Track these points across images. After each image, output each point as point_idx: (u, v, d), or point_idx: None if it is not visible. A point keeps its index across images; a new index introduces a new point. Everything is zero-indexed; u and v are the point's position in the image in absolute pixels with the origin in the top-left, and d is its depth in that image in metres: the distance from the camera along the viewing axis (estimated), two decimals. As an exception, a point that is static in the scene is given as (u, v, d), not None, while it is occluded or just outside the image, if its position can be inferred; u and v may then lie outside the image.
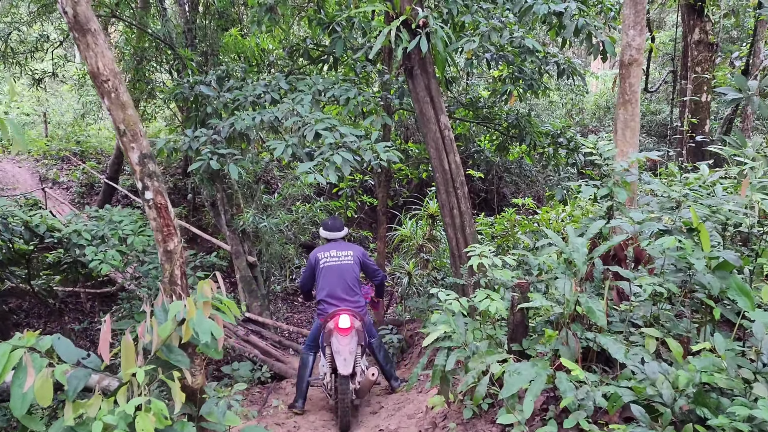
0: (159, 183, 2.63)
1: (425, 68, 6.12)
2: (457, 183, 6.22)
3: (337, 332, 5.01)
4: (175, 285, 2.70)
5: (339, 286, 5.43)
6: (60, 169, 18.47)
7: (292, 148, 5.85)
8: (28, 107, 22.81)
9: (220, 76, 8.18)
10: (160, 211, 2.65)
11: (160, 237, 2.68)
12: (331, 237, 5.83)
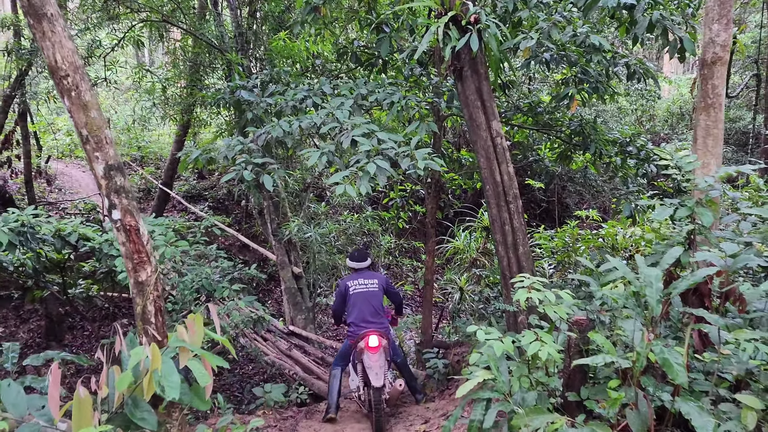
0: (129, 200, 2.21)
1: (476, 69, 5.53)
2: (509, 196, 5.60)
3: (367, 351, 5.69)
4: (148, 323, 2.27)
5: (367, 311, 6.06)
6: (120, 175, 18.78)
7: (328, 155, 5.38)
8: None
9: (263, 80, 7.84)
10: (129, 234, 2.22)
11: (130, 265, 2.25)
12: (358, 267, 6.42)
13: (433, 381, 6.73)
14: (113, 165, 2.23)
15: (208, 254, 7.93)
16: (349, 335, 6.10)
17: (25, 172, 12.62)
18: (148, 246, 2.29)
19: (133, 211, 2.26)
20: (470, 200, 12.91)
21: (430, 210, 7.97)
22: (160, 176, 16.87)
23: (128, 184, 2.23)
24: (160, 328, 2.31)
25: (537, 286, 3.22)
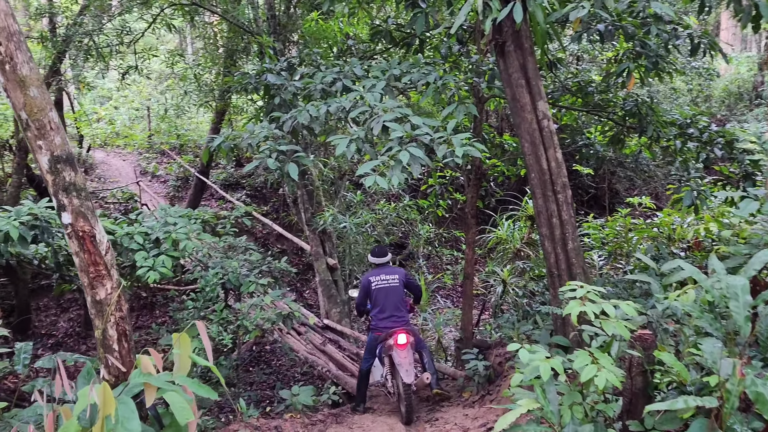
0: (81, 200, 1.81)
1: (520, 44, 4.97)
2: (557, 185, 5.04)
3: (396, 348, 5.92)
4: (110, 351, 1.88)
5: (390, 305, 6.27)
6: (159, 163, 18.77)
7: (357, 143, 4.92)
8: (137, 102, 23.54)
9: (291, 63, 7.42)
10: (83, 242, 1.83)
11: (86, 280, 1.87)
12: (379, 262, 6.52)
13: (473, 384, 6.25)
14: (60, 156, 1.84)
15: (237, 246, 7.60)
16: (373, 328, 6.37)
17: (62, 162, 12.57)
18: (107, 256, 1.90)
19: (87, 213, 1.86)
20: (514, 187, 12.28)
21: (471, 199, 7.44)
22: (198, 164, 16.73)
23: (81, 180, 1.82)
24: (125, 357, 1.93)
25: (592, 296, 2.70)
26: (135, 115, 23.15)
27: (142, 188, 15.02)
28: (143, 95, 22.97)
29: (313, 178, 10.13)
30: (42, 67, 12.43)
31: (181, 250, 5.73)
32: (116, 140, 20.32)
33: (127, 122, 22.63)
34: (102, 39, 10.06)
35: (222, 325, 5.80)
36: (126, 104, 23.82)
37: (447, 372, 7.12)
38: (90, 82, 13.26)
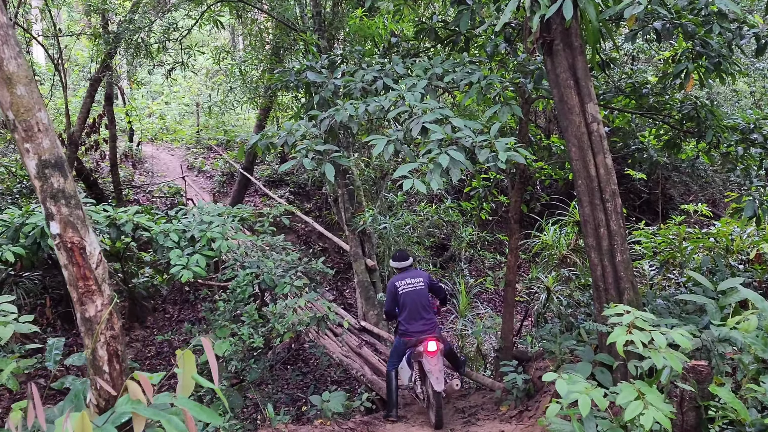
0: (71, 209, 1.67)
1: (569, 42, 4.68)
2: (606, 193, 4.74)
3: (427, 355, 5.95)
4: (100, 373, 1.74)
5: (417, 308, 6.29)
6: (206, 158, 19.00)
7: (395, 144, 4.74)
8: (187, 98, 23.94)
9: (333, 60, 7.29)
10: (72, 254, 1.69)
11: (75, 295, 1.73)
12: (401, 266, 6.61)
13: (512, 397, 5.99)
14: (48, 161, 1.70)
15: (274, 245, 7.52)
16: (402, 333, 6.38)
17: (111, 156, 12.83)
18: (98, 270, 1.75)
19: (77, 223, 1.71)
20: (561, 191, 11.88)
21: (515, 203, 7.16)
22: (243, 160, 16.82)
23: (71, 187, 1.68)
24: (117, 379, 1.79)
25: (640, 323, 2.44)
26: (185, 111, 23.55)
27: (187, 183, 15.20)
28: (193, 91, 23.35)
29: (354, 178, 10.00)
30: (95, 62, 12.70)
31: (215, 249, 5.66)
32: (165, 135, 20.69)
33: (177, 117, 23.04)
34: (150, 36, 10.16)
35: (254, 327, 5.70)
36: (176, 100, 24.27)
37: (484, 383, 6.86)
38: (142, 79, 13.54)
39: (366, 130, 9.60)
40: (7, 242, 4.94)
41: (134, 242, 6.15)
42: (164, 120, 22.23)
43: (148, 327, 12.44)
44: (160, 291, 8.23)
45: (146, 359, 11.65)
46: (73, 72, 19.98)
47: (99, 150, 13.52)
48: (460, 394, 7.17)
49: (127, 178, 16.02)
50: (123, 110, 17.82)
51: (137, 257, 6.97)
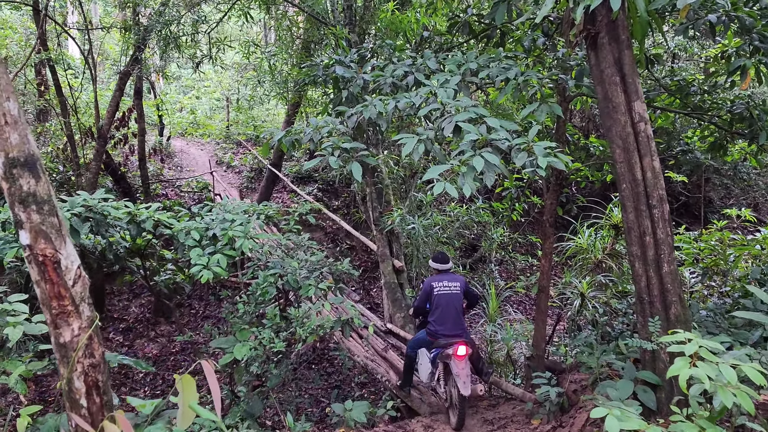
0: (44, 216, 1.44)
1: (616, 35, 4.35)
2: (653, 198, 4.40)
3: (455, 358, 5.98)
4: (76, 407, 1.52)
5: (449, 312, 6.33)
6: (235, 153, 18.96)
7: (426, 144, 4.46)
8: (218, 93, 23.95)
9: (363, 54, 7.04)
10: (44, 268, 1.46)
11: (48, 316, 1.51)
12: (441, 268, 6.59)
13: (544, 410, 5.68)
14: (17, 159, 1.47)
15: (299, 244, 7.32)
16: (429, 332, 6.41)
17: (139, 150, 12.81)
18: (76, 288, 1.52)
19: (51, 232, 1.48)
20: (598, 193, 11.44)
21: (549, 206, 6.82)
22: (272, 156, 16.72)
23: (45, 190, 1.45)
24: (96, 415, 1.56)
25: (704, 353, 2.13)
26: (216, 106, 23.58)
27: (215, 178, 15.14)
28: (224, 86, 23.37)
29: (382, 176, 9.75)
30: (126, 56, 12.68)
31: (237, 249, 5.47)
32: (195, 130, 20.72)
33: (208, 112, 23.08)
34: (179, 29, 10.04)
35: (275, 331, 5.50)
36: (207, 95, 24.32)
37: (515, 393, 6.55)
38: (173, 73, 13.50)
39: (396, 128, 9.34)
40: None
41: (156, 239, 5.99)
42: (195, 114, 22.28)
43: (174, 322, 12.41)
44: (183, 288, 8.11)
45: (171, 355, 11.61)
46: (106, 66, 20.12)
47: (128, 144, 13.51)
48: (488, 404, 6.88)
49: (156, 173, 16.03)
50: (152, 104, 17.85)
51: (159, 254, 6.82)
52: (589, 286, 8.55)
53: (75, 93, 12.59)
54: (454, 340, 6.09)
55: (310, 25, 11.84)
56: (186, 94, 25.11)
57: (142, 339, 12.00)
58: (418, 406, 6.89)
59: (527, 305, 11.70)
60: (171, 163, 17.39)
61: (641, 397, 4.29)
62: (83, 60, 12.41)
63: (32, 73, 15.12)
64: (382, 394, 7.50)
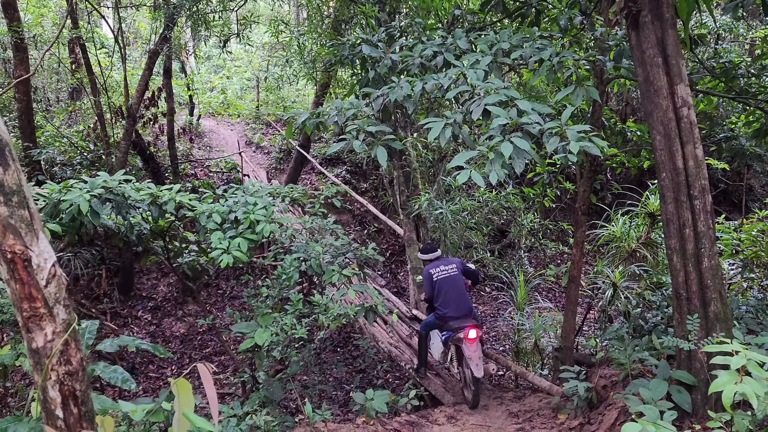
0: (12, 208, 1.30)
1: (659, 14, 4.07)
2: (694, 189, 4.14)
3: (467, 341, 6.19)
4: (53, 417, 1.40)
5: (452, 293, 6.54)
6: (264, 134, 18.91)
7: (453, 128, 4.27)
8: (249, 72, 23.88)
9: (391, 33, 6.82)
10: (13, 266, 1.33)
11: (20, 320, 1.39)
12: (430, 258, 6.93)
13: (571, 405, 5.49)
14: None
15: (324, 228, 7.20)
16: (439, 317, 6.59)
17: (168, 129, 12.81)
18: (49, 288, 1.38)
19: (20, 226, 1.34)
20: (634, 180, 11.06)
21: (582, 193, 6.55)
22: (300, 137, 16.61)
23: (14, 179, 1.31)
24: (74, 426, 1.43)
25: (753, 367, 1.92)
26: (246, 86, 23.54)
27: (244, 159, 15.10)
28: (255, 66, 23.29)
29: (410, 160, 9.55)
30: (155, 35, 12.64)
31: (259, 233, 5.36)
32: (224, 109, 20.72)
33: (239, 92, 23.05)
34: (207, 5, 9.93)
35: (298, 317, 5.40)
36: (238, 74, 24.29)
37: (541, 386, 6.37)
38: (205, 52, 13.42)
39: (425, 110, 9.12)
40: (46, 218, 4.77)
41: (179, 221, 5.92)
42: (225, 94, 22.28)
43: (202, 302, 12.49)
44: (207, 270, 8.09)
45: (197, 334, 11.70)
46: (138, 45, 20.20)
47: (158, 123, 13.53)
48: (514, 396, 6.72)
49: (186, 152, 16.07)
50: (182, 83, 17.86)
51: (182, 236, 6.78)
52: (621, 276, 8.27)
53: (106, 72, 12.61)
54: (465, 323, 6.31)
55: (340, 3, 11.62)
56: (217, 73, 25.13)
57: (169, 318, 12.11)
58: (442, 395, 6.76)
59: (557, 293, 11.44)
60: (200, 143, 17.42)
61: (675, 398, 4.07)
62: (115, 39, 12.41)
63: (66, 52, 15.24)
64: (406, 381, 7.39)
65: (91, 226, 5.26)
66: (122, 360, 9.98)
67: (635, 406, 3.77)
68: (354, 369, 9.73)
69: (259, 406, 5.08)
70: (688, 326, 3.97)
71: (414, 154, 9.59)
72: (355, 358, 10.11)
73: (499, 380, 8.97)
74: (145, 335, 11.51)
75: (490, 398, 6.70)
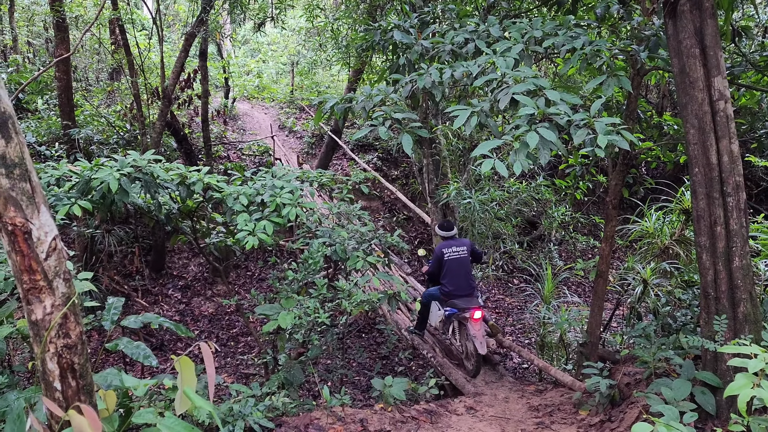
0: (14, 180, 1.31)
1: (698, 3, 3.93)
2: (728, 185, 4.00)
3: (472, 321, 6.70)
4: (51, 390, 1.42)
5: (460, 273, 7.06)
6: (297, 119, 18.99)
7: (480, 116, 4.20)
8: (285, 57, 23.97)
9: (423, 20, 6.74)
10: (14, 239, 1.35)
11: (21, 291, 1.41)
12: (447, 235, 7.29)
13: (593, 402, 5.41)
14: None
15: (350, 214, 7.21)
16: (443, 292, 7.11)
17: (202, 111, 12.94)
18: (49, 261, 1.40)
19: (21, 199, 1.35)
20: (669, 175, 10.79)
21: (614, 187, 6.41)
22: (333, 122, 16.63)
23: (16, 152, 1.32)
24: (71, 398, 1.45)
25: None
26: (282, 70, 23.64)
27: (276, 143, 15.20)
28: (291, 50, 23.37)
29: (440, 148, 9.48)
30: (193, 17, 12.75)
31: (284, 216, 5.39)
32: (257, 92, 20.84)
33: (274, 76, 23.16)
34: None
35: (321, 302, 5.43)
36: (274, 59, 24.40)
37: (564, 381, 6.29)
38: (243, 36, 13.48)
39: (457, 98, 9.02)
40: (77, 195, 4.88)
41: (206, 202, 5.99)
42: (261, 78, 22.41)
43: (231, 283, 12.66)
44: (234, 251, 8.19)
45: (225, 314, 11.88)
46: (176, 27, 20.44)
47: (193, 105, 13.68)
48: (535, 389, 6.65)
49: (219, 135, 16.25)
50: (218, 66, 18.02)
51: (210, 217, 6.86)
52: (653, 273, 8.09)
53: (144, 53, 12.79)
54: (470, 304, 6.81)
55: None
56: (253, 57, 25.28)
57: (199, 297, 12.33)
58: (462, 386, 6.74)
59: (586, 288, 11.27)
60: (234, 126, 17.58)
61: (699, 399, 3.98)
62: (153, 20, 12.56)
63: (107, 33, 15.51)
64: (428, 369, 7.39)
65: (121, 204, 5.35)
66: (152, 337, 10.19)
67: (656, 406, 3.69)
68: (377, 355, 9.76)
69: (279, 388, 5.14)
70: (714, 327, 3.87)
71: (444, 142, 9.51)
72: (379, 344, 10.14)
73: (523, 373, 8.90)
74: (174, 313, 11.74)
75: (511, 391, 6.66)
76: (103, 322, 4.35)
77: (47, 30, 15.50)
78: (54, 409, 1.42)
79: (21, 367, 4.02)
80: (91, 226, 9.52)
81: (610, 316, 8.76)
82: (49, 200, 4.85)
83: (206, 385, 3.15)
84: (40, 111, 13.54)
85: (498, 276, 11.91)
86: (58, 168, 5.17)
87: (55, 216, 4.88)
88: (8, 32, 15.69)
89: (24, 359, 4.52)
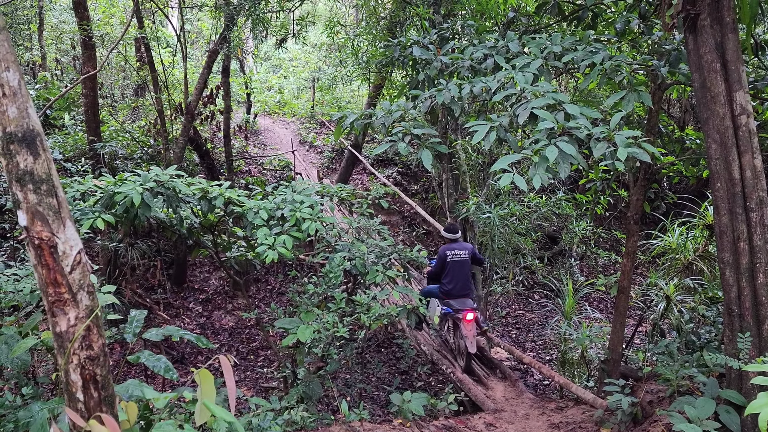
0: (41, 196, 1.36)
1: (719, 17, 3.91)
2: (751, 201, 3.95)
3: (464, 322, 7.11)
4: (73, 401, 1.45)
5: (461, 277, 7.43)
6: (318, 133, 19.14)
7: (498, 131, 4.21)
8: (306, 73, 24.22)
9: (442, 35, 6.79)
10: (40, 252, 1.39)
11: (46, 303, 1.44)
12: (452, 237, 7.65)
13: (615, 419, 5.33)
14: (15, 134, 1.38)
15: (369, 228, 7.24)
16: (443, 291, 7.49)
17: (225, 127, 13.13)
18: (74, 274, 1.44)
19: (48, 214, 1.39)
20: (692, 190, 10.66)
21: (635, 202, 6.36)
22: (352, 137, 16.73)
23: (44, 168, 1.37)
24: (94, 409, 1.48)
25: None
26: (303, 85, 23.90)
27: (297, 158, 15.33)
28: (311, 66, 23.62)
29: (459, 162, 9.49)
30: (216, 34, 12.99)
31: (304, 231, 5.43)
32: (278, 108, 21.06)
33: (295, 91, 23.42)
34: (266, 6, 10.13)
35: (340, 316, 5.44)
36: (295, 74, 24.69)
37: (585, 398, 6.20)
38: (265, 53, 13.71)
39: (476, 113, 9.04)
40: (101, 209, 4.97)
41: (227, 216, 6.07)
42: (282, 93, 22.67)
43: (251, 296, 12.73)
44: (254, 265, 8.26)
45: (245, 328, 11.94)
46: (200, 44, 20.80)
47: (215, 121, 13.88)
48: (556, 406, 6.57)
49: (241, 150, 16.44)
50: (240, 82, 18.27)
51: (231, 231, 6.94)
52: (676, 289, 7.99)
53: (168, 69, 13.03)
54: (464, 305, 7.20)
55: (395, 4, 11.67)
56: (275, 73, 25.60)
57: (219, 311, 12.41)
58: (482, 402, 6.68)
59: (608, 304, 11.14)
60: (256, 141, 17.77)
61: (723, 418, 3.90)
62: (177, 37, 12.82)
63: (133, 50, 15.84)
64: (447, 385, 7.35)
65: (144, 218, 5.44)
66: (173, 350, 10.27)
67: (679, 425, 3.63)
68: (396, 370, 9.73)
69: (297, 402, 5.14)
70: (738, 344, 3.80)
71: (464, 157, 9.52)
72: (399, 359, 10.11)
73: (544, 390, 8.80)
74: (195, 327, 11.83)
75: (531, 407, 6.58)
76: (125, 335, 4.39)
77: (74, 48, 15.87)
78: (76, 420, 1.45)
79: (45, 379, 4.09)
80: (114, 240, 9.68)
81: (632, 333, 8.65)
82: (74, 214, 4.96)
83: (226, 398, 3.17)
84: (66, 126, 13.84)
85: (518, 291, 11.83)
86: (84, 183, 5.28)
87: (80, 230, 4.97)
88: (37, 50, 16.10)
89: (48, 371, 4.59)
